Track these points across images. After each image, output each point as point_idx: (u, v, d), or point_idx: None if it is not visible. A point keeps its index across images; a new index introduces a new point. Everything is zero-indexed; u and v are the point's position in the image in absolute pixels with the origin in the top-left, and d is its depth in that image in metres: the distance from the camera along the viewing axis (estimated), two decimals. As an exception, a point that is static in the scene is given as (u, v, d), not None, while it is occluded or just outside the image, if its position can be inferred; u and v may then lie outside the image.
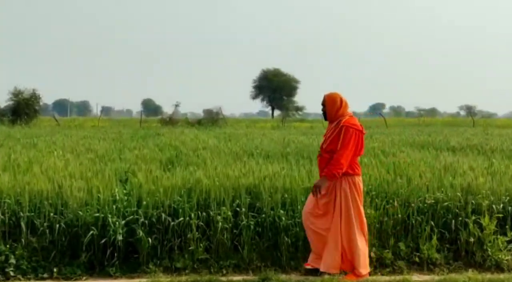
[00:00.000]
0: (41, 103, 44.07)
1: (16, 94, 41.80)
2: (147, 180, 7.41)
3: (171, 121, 40.83)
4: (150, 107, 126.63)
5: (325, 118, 6.14)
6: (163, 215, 6.70)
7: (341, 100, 6.03)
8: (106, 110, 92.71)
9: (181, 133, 21.83)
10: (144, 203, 6.82)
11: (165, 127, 34.22)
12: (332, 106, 6.02)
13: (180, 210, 6.78)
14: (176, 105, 53.46)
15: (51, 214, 6.68)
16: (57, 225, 6.55)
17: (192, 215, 6.75)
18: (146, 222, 6.63)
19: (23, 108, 40.93)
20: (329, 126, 6.14)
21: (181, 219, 6.72)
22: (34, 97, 42.29)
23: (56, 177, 7.56)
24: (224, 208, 6.88)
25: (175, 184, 7.25)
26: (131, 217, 6.64)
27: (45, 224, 6.59)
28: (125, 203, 6.88)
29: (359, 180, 6.06)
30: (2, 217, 6.66)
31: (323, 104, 6.11)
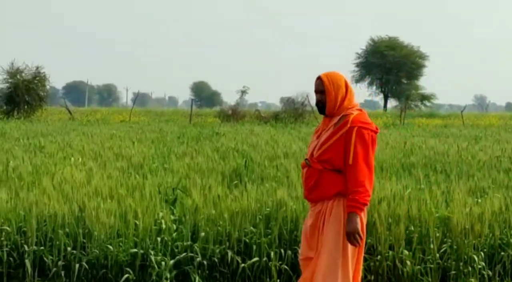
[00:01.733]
0: (48, 86, 45.00)
1: (13, 73, 42.46)
2: (206, 201, 7.50)
3: (234, 115, 41.15)
4: (204, 95, 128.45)
5: (322, 112, 5.83)
6: (229, 253, 6.76)
7: (347, 85, 5.68)
8: (140, 98, 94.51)
9: (251, 133, 22.01)
10: (202, 234, 6.92)
11: (226, 123, 34.62)
12: (335, 94, 5.64)
13: (254, 246, 6.83)
14: (243, 92, 53.36)
15: (68, 249, 6.89)
16: (77, 265, 6.74)
17: (272, 254, 6.78)
18: (205, 262, 6.71)
19: (23, 94, 41.69)
20: (325, 123, 5.83)
21: (256, 259, 6.77)
22: (38, 79, 43.20)
23: (75, 195, 7.78)
24: (318, 244, 6.85)
25: (246, 208, 7.30)
26: (183, 254, 6.75)
27: (60, 263, 6.80)
28: (174, 235, 6.99)
29: None
30: (-1, 251, 6.92)
31: (319, 90, 5.80)
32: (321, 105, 5.62)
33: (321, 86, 5.61)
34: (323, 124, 5.71)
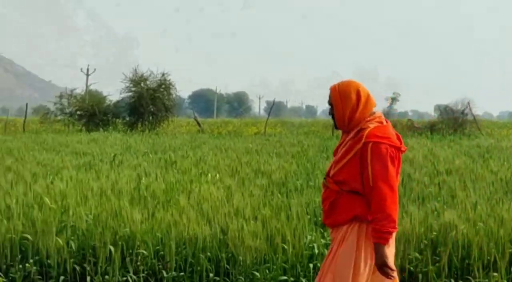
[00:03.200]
0: (174, 95, 45.29)
1: (137, 81, 43.03)
2: (361, 223, 7.50)
3: (383, 125, 40.87)
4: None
5: (336, 126, 5.71)
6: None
7: (358, 94, 5.45)
8: (275, 107, 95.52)
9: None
10: (360, 260, 6.92)
11: (373, 135, 34.45)
12: (342, 106, 5.49)
13: (420, 276, 6.80)
14: (393, 100, 53.00)
15: (211, 275, 7.07)
16: (222, 294, 6.90)
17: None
18: (366, 293, 6.71)
19: (148, 103, 42.09)
20: (343, 138, 5.69)
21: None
22: (164, 87, 43.69)
23: (215, 216, 7.95)
24: (495, 274, 6.80)
25: (410, 231, 7.27)
26: (341, 283, 6.76)
27: (203, 291, 6.97)
28: (328, 260, 7.03)
29: None
30: (134, 277, 7.18)
31: (330, 102, 5.72)
32: (333, 118, 5.64)
33: (329, 98, 5.63)
34: (341, 140, 5.69)
